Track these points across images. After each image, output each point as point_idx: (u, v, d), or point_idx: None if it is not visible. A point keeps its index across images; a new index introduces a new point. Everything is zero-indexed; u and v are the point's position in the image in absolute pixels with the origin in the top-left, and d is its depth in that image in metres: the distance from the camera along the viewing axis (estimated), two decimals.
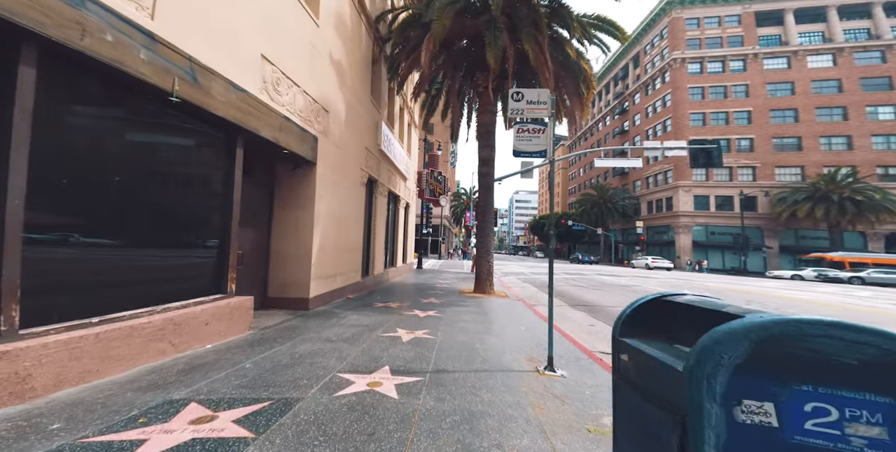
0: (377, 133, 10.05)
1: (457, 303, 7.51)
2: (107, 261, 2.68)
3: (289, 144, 4.72)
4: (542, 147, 3.70)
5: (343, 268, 7.25)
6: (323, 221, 6.06)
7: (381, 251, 10.78)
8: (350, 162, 7.70)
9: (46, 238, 2.29)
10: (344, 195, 7.26)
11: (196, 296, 3.36)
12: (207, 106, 3.24)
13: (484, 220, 10.03)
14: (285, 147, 4.64)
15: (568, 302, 9.14)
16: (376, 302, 7.26)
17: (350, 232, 7.80)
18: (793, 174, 34.05)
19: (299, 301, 5.52)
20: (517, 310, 6.98)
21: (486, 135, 10.43)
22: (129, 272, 2.85)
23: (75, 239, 2.45)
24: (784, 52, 38.19)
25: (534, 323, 5.80)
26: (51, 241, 2.33)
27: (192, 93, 3.06)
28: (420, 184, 18.87)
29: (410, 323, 5.31)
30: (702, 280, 19.82)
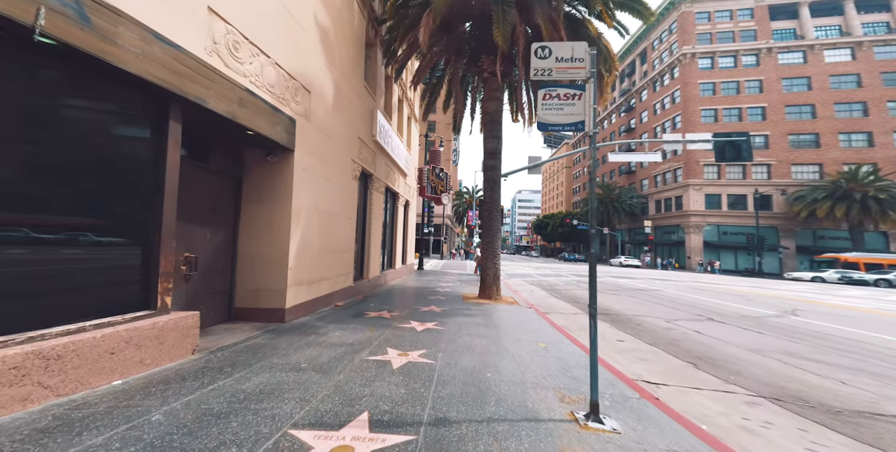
0: (372, 122, 9.16)
1: (460, 312, 6.60)
2: None
3: (254, 124, 3.83)
4: (576, 117, 2.77)
5: (330, 272, 6.35)
6: (304, 218, 5.17)
7: (377, 252, 9.88)
8: (339, 151, 6.80)
9: None
10: (332, 189, 6.37)
11: (101, 315, 2.47)
12: (113, 58, 2.35)
13: (490, 219, 9.10)
14: (248, 126, 3.74)
15: (585, 309, 8.18)
16: (368, 310, 6.36)
17: (339, 231, 6.90)
18: (810, 172, 32.74)
19: (273, 312, 4.63)
20: (530, 321, 6.05)
21: (492, 124, 9.50)
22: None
23: None
24: (800, 47, 36.86)
25: (552, 337, 4.87)
26: None
27: (81, 36, 2.17)
28: (421, 181, 17.97)
29: (405, 339, 4.39)
30: (722, 283, 18.72)
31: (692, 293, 12.30)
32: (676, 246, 37.63)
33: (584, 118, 2.75)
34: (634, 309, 8.21)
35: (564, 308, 8.33)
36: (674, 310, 7.98)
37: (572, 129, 2.78)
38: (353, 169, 7.67)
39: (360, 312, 6.15)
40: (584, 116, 2.75)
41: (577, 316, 7.21)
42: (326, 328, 4.74)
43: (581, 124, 2.75)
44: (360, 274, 8.99)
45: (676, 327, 6.22)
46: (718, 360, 4.31)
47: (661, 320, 6.82)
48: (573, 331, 5.60)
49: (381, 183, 10.15)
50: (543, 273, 21.06)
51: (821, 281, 23.40)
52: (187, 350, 3.03)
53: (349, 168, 7.40)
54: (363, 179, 9.16)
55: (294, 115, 4.89)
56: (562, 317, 6.99)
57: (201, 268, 3.85)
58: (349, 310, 6.26)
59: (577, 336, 5.23)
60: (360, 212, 8.94)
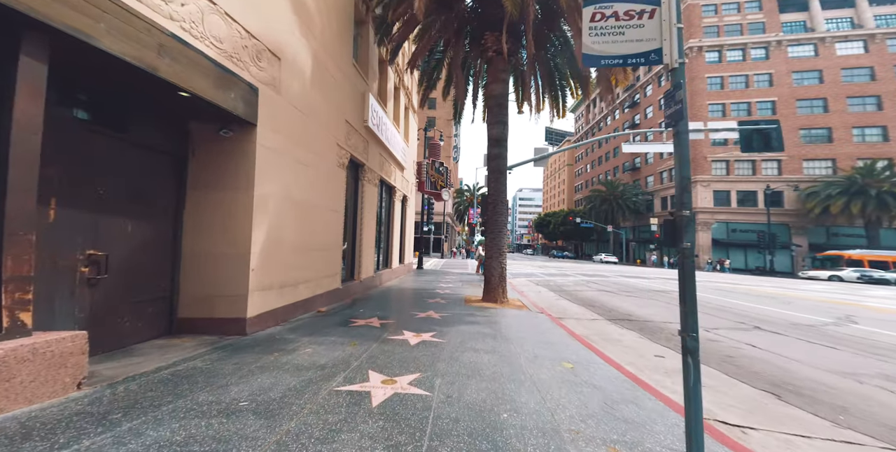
0: (363, 106, 8.23)
1: (463, 319, 5.69)
2: None
3: (189, 83, 2.91)
4: (647, 44, 1.82)
5: (310, 273, 5.44)
6: (273, 209, 4.26)
7: (370, 250, 8.97)
8: (321, 134, 5.88)
9: None
10: (311, 176, 5.45)
11: None
12: None
13: (494, 213, 8.18)
14: (179, 85, 2.83)
15: (604, 314, 7.26)
16: (356, 317, 5.45)
17: (323, 226, 5.99)
18: (823, 167, 31.71)
19: (231, 322, 3.72)
20: (545, 330, 5.13)
21: (497, 108, 8.57)
22: None
23: None
24: (810, 39, 35.81)
25: (577, 353, 3.95)
26: None
27: None
28: (420, 176, 17.05)
29: (394, 357, 3.48)
30: (742, 283, 17.76)
31: (717, 294, 11.33)
32: None
33: (659, 43, 1.81)
34: (660, 314, 7.26)
35: (579, 312, 7.41)
36: (707, 316, 7.02)
37: (640, 63, 1.84)
38: (340, 155, 6.75)
39: (346, 320, 5.24)
40: (659, 41, 1.81)
41: (595, 323, 6.28)
42: (297, 342, 3.83)
43: (656, 53, 1.81)
44: (350, 275, 8.08)
45: (721, 338, 5.27)
46: (803, 388, 3.35)
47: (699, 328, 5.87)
48: (598, 343, 4.69)
49: (374, 174, 9.23)
50: (548, 272, 20.14)
51: (838, 280, 22.42)
52: (66, 385, 2.12)
53: (334, 154, 6.48)
54: (353, 169, 8.24)
55: (257, 83, 3.97)
56: (579, 325, 6.07)
57: (117, 270, 2.94)
58: (333, 317, 5.35)
59: (606, 350, 4.31)
60: (349, 205, 8.02)
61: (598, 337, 5.18)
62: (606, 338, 5.10)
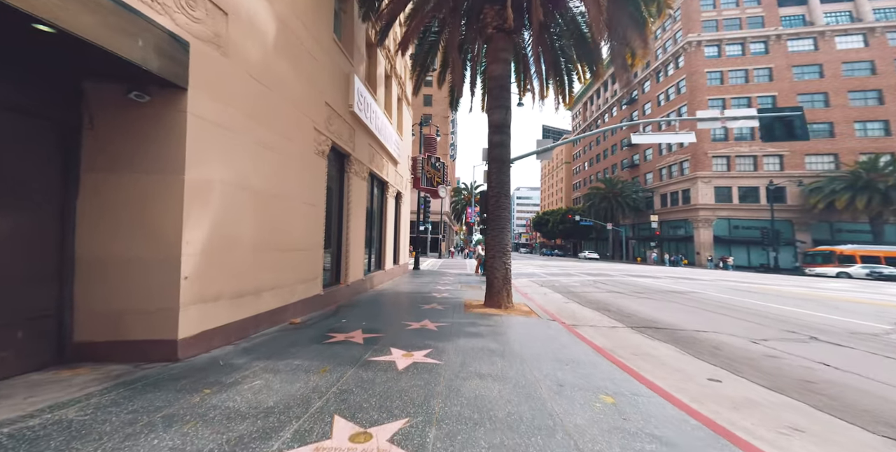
0: (348, 90, 7.31)
1: (464, 330, 4.80)
2: None
3: (56, 14, 1.99)
4: None
5: (279, 278, 4.53)
6: (219, 200, 3.35)
7: (359, 250, 8.06)
8: (292, 114, 4.98)
9: None
10: (278, 162, 4.55)
11: None
12: None
13: (497, 207, 7.30)
14: (35, 14, 1.91)
15: (622, 319, 6.40)
16: (335, 330, 4.55)
17: (297, 223, 5.08)
18: (825, 162, 31.20)
19: (153, 346, 2.81)
20: (563, 344, 4.26)
21: (499, 91, 7.70)
22: None
23: None
24: (810, 33, 35.37)
25: (613, 379, 3.08)
26: None
27: None
28: (415, 172, 16.15)
29: (374, 392, 2.59)
30: (758, 282, 17.03)
31: (740, 296, 10.46)
32: (684, 241, 36.03)
33: None
34: (688, 320, 6.40)
35: (594, 318, 6.56)
36: (748, 324, 6.13)
37: None
38: (319, 141, 5.83)
39: (322, 334, 4.33)
40: None
41: (616, 332, 5.42)
42: (246, 370, 2.92)
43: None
44: (335, 279, 7.17)
45: (780, 354, 4.36)
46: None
47: (742, 339, 4.98)
48: (631, 361, 3.82)
49: (362, 166, 8.32)
50: (550, 271, 19.31)
51: (846, 276, 21.82)
52: None
53: (311, 139, 5.57)
54: (338, 159, 7.33)
55: (187, 36, 3.05)
56: (598, 334, 5.21)
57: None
58: (307, 331, 4.44)
59: (645, 371, 3.44)
60: (333, 200, 7.11)
61: (626, 351, 4.31)
62: (637, 353, 4.23)
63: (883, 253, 23.17)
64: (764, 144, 33.25)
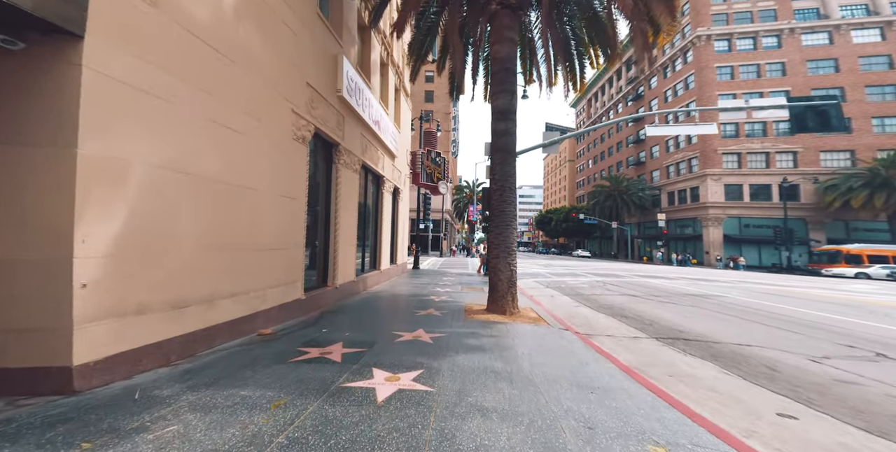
0: (336, 72, 6.60)
1: (463, 342, 4.10)
2: None
3: None
4: None
5: (240, 284, 3.84)
6: (138, 184, 2.66)
7: (349, 249, 7.37)
8: (262, 91, 4.28)
9: None
10: (242, 146, 3.85)
11: None
12: None
13: (501, 201, 6.58)
14: None
15: (644, 328, 5.66)
16: (311, 343, 3.86)
17: (269, 218, 4.39)
18: (841, 159, 30.13)
19: (40, 375, 2.12)
20: (582, 362, 3.54)
21: (504, 74, 6.97)
22: None
23: None
24: (824, 27, 34.22)
25: (659, 414, 2.36)
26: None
27: None
28: (414, 167, 15.44)
29: (338, 440, 1.90)
30: (770, 282, 16.17)
31: (768, 299, 9.59)
32: (692, 240, 35.10)
33: None
34: (720, 330, 5.58)
35: (610, 326, 5.82)
36: (791, 334, 5.22)
37: None
38: (298, 126, 5.13)
39: (293, 348, 3.64)
40: None
41: (640, 344, 4.69)
42: (167, 406, 2.22)
43: None
44: (321, 281, 6.48)
45: (852, 376, 3.55)
46: None
47: (796, 356, 4.16)
48: (670, 384, 3.10)
49: (353, 158, 7.61)
50: (555, 271, 18.55)
51: (865, 277, 20.89)
52: None
53: (287, 122, 4.87)
54: (324, 149, 6.64)
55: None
56: (619, 346, 4.48)
57: None
58: (275, 345, 3.75)
59: (693, 401, 2.72)
60: (318, 193, 6.42)
61: (658, 370, 3.59)
62: (674, 373, 3.50)
63: (891, 253, 22.22)
64: (777, 140, 32.21)
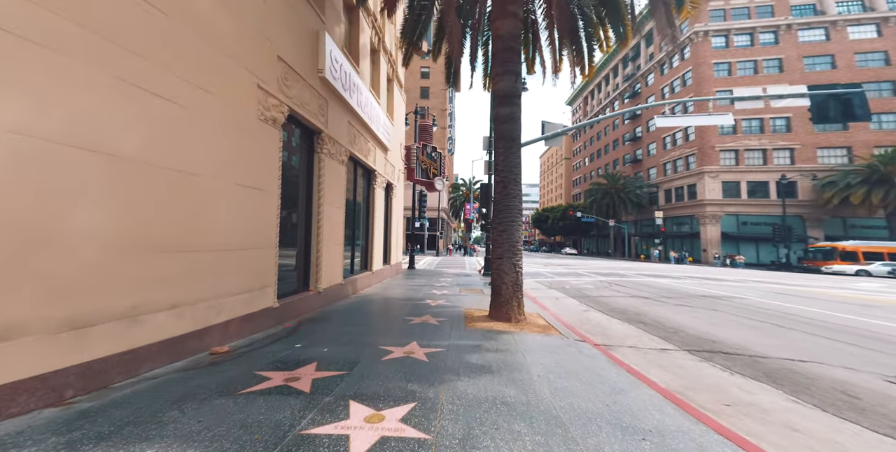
0: (317, 50, 5.82)
1: (465, 361, 3.39)
2: None
3: None
4: None
5: (183, 293, 3.08)
6: (7, 157, 1.90)
7: (335, 249, 6.62)
8: (214, 58, 3.52)
9: None
10: (174, 119, 3.10)
11: None
12: None
13: (505, 195, 5.88)
14: None
15: (668, 336, 5.01)
16: (270, 366, 3.12)
17: (220, 212, 3.63)
18: (838, 156, 30.00)
19: None
20: (616, 390, 2.86)
21: (507, 53, 6.25)
22: None
23: None
24: (821, 23, 34.06)
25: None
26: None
27: None
28: (409, 162, 14.67)
29: None
30: (778, 281, 15.73)
31: (788, 301, 8.92)
32: (689, 238, 34.84)
33: None
34: (757, 339, 4.86)
35: (630, 334, 5.16)
36: (841, 345, 4.39)
37: None
38: (267, 105, 4.36)
39: (249, 372, 2.90)
40: None
41: (672, 358, 4.03)
42: None
43: None
44: (302, 284, 5.73)
45: None
46: None
47: (869, 375, 3.49)
48: (736, 421, 2.43)
49: (339, 148, 6.84)
50: (556, 271, 17.94)
51: (866, 274, 20.66)
52: None
53: (251, 98, 4.09)
54: (304, 136, 5.86)
55: None
56: (649, 362, 3.81)
57: None
58: (226, 369, 3.00)
59: (775, 449, 2.05)
60: (298, 185, 5.66)
61: (708, 396, 2.92)
62: (731, 402, 2.83)
63: (887, 250, 22.14)
64: (774, 137, 32.00)
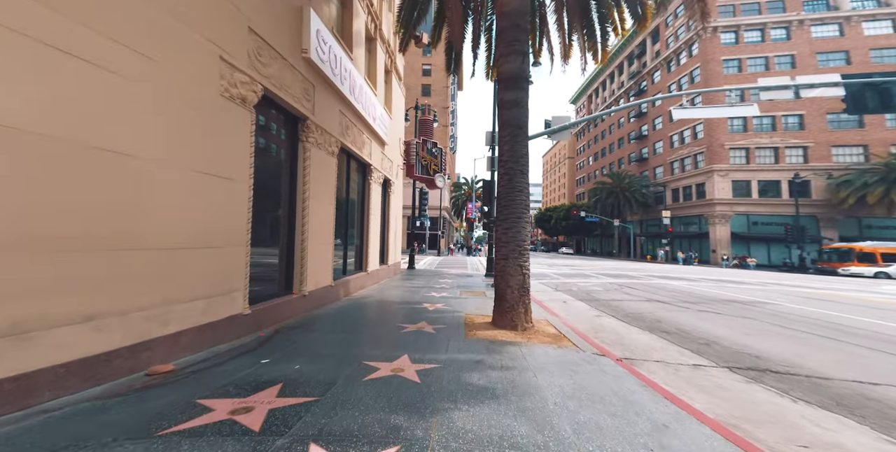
0: (300, 26, 5.23)
1: (464, 381, 2.78)
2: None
3: None
4: None
5: (105, 301, 2.50)
6: None
7: (324, 248, 6.03)
8: (158, 19, 2.93)
9: None
10: (106, 86, 2.51)
11: None
12: None
13: (511, 188, 5.26)
14: None
15: (701, 350, 4.36)
16: (218, 392, 2.52)
17: (166, 202, 3.05)
18: (854, 154, 29.06)
19: None
20: (658, 426, 2.23)
21: (513, 32, 5.63)
22: None
23: None
24: (835, 19, 33.11)
25: None
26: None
27: None
28: (408, 158, 14.07)
29: None
30: (798, 284, 14.97)
31: (822, 307, 8.14)
32: (697, 238, 33.99)
33: None
34: (811, 356, 4.15)
35: (654, 345, 4.53)
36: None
37: None
38: (232, 81, 3.76)
39: (184, 402, 2.31)
40: None
41: (710, 377, 3.40)
42: None
43: None
44: (284, 287, 5.15)
45: None
46: None
47: None
48: None
49: (329, 138, 6.25)
50: (561, 271, 17.28)
51: (885, 276, 19.83)
52: None
53: (211, 71, 3.50)
54: (285, 121, 5.27)
55: None
56: (685, 382, 3.19)
57: None
58: (155, 398, 2.40)
59: None
60: (281, 178, 5.07)
61: (775, 433, 2.28)
62: (809, 443, 2.20)
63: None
64: (786, 135, 31.10)
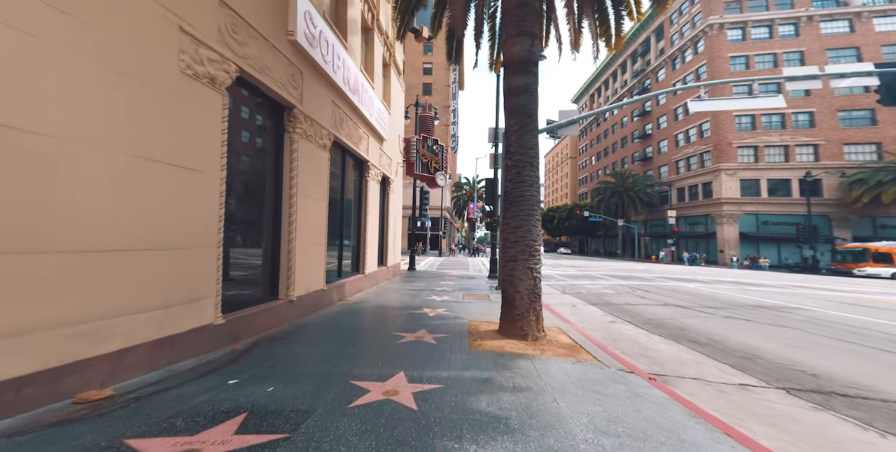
0: (286, 8, 4.74)
1: (470, 409, 2.26)
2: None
3: None
4: None
5: (10, 315, 2.00)
6: None
7: (314, 249, 5.53)
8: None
9: None
10: (13, 50, 2.00)
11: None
12: None
13: (519, 182, 4.75)
14: None
15: (740, 364, 3.81)
16: (160, 426, 2.01)
17: (102, 196, 2.55)
18: (867, 152, 28.32)
19: None
20: None
21: (521, 11, 5.13)
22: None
23: None
24: (844, 14, 32.40)
25: None
26: None
27: None
28: (408, 156, 13.58)
29: None
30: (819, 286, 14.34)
31: (857, 312, 7.52)
32: (704, 238, 33.29)
33: None
34: (881, 375, 3.58)
35: (684, 358, 3.99)
36: None
37: None
38: (195, 56, 3.26)
39: (107, 443, 1.80)
40: None
41: (765, 401, 2.87)
42: None
43: None
44: (268, 292, 4.65)
45: None
46: None
47: None
48: None
49: (320, 130, 5.75)
50: (567, 273, 16.70)
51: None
52: None
53: (169, 45, 3.02)
54: (268, 110, 4.78)
55: None
56: (740, 410, 2.66)
57: None
58: (74, 437, 1.90)
59: None
60: (264, 171, 4.58)
61: None
62: None
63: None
64: (796, 133, 30.39)
